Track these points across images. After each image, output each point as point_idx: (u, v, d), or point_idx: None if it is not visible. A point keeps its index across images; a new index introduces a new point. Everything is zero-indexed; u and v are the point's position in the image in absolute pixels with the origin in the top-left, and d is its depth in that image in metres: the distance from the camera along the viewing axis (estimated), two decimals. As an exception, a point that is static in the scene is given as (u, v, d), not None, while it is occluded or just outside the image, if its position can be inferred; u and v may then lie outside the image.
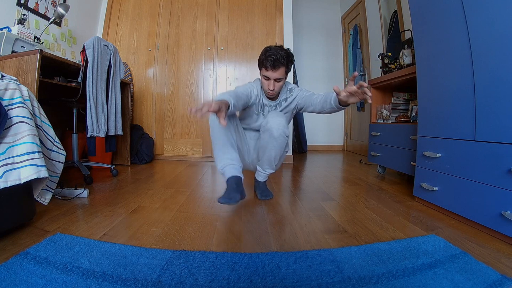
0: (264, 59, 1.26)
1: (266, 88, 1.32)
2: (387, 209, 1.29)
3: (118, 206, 1.26)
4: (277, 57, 1.23)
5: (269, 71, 1.26)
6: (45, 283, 0.64)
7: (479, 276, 0.70)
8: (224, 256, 0.79)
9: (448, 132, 1.19)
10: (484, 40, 0.99)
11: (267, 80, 1.30)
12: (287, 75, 1.34)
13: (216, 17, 2.81)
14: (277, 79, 1.28)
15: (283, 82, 1.33)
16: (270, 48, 1.28)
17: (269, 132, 1.25)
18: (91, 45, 1.60)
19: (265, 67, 1.27)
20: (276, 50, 1.25)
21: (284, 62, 1.25)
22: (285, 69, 1.28)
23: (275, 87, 1.30)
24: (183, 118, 2.81)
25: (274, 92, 1.33)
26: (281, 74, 1.27)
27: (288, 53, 1.29)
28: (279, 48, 1.27)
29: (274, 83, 1.29)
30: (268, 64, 1.24)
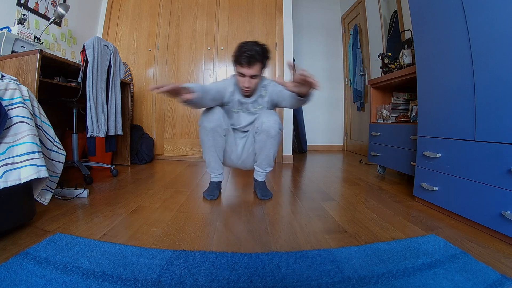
0: (239, 55, 1.22)
1: (241, 85, 1.29)
2: (387, 209, 1.29)
3: (118, 206, 1.26)
4: (252, 53, 1.19)
5: (244, 67, 1.22)
6: (45, 283, 0.64)
7: (479, 276, 0.70)
8: (224, 256, 0.79)
9: (448, 132, 1.19)
10: (484, 40, 0.99)
11: (242, 77, 1.26)
12: (263, 72, 1.30)
13: (216, 17, 2.81)
14: (252, 76, 1.25)
15: (259, 79, 1.30)
16: (245, 43, 1.24)
17: (265, 132, 1.26)
18: (91, 45, 1.60)
19: (239, 64, 1.23)
20: (251, 46, 1.21)
21: (260, 58, 1.22)
22: (261, 66, 1.25)
23: (250, 84, 1.27)
24: (183, 118, 2.81)
25: (250, 90, 1.30)
26: (256, 71, 1.24)
27: (264, 48, 1.25)
28: (254, 44, 1.23)
29: (249, 80, 1.25)
30: (243, 60, 1.20)
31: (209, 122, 1.27)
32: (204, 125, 1.29)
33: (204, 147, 1.36)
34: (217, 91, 1.29)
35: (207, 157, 1.39)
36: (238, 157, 1.45)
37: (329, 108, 4.11)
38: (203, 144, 1.35)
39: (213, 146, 1.33)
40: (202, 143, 1.36)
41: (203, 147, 1.37)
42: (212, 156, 1.37)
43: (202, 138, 1.34)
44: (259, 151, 1.35)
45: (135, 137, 2.53)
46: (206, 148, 1.35)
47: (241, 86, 1.30)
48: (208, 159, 1.40)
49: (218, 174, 1.45)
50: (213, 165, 1.41)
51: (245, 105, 1.40)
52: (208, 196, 1.41)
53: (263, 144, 1.31)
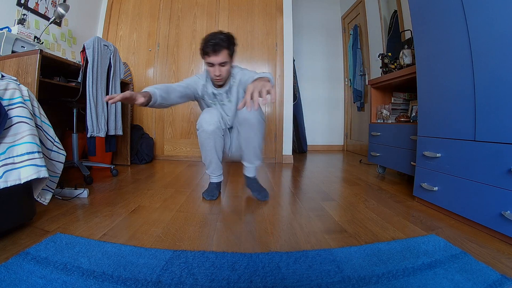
0: (204, 46, 1.25)
1: (212, 75, 1.30)
2: (387, 209, 1.29)
3: (118, 206, 1.26)
4: (216, 41, 1.22)
5: (211, 56, 1.24)
6: (45, 283, 0.64)
7: (479, 276, 0.70)
8: (224, 256, 0.79)
9: (448, 132, 1.19)
10: (484, 40, 0.99)
11: (212, 67, 1.28)
12: (232, 59, 1.31)
13: (216, 17, 2.81)
14: (221, 64, 1.26)
15: (229, 66, 1.31)
16: (208, 34, 1.27)
17: (247, 122, 1.26)
18: (91, 45, 1.60)
19: (206, 54, 1.25)
20: (214, 35, 1.25)
21: (225, 44, 1.24)
22: (227, 52, 1.26)
23: (221, 72, 1.28)
24: (183, 118, 2.81)
25: (221, 78, 1.31)
26: (224, 58, 1.25)
27: (228, 35, 1.27)
28: (218, 32, 1.27)
29: (219, 68, 1.27)
30: (209, 49, 1.23)
31: (209, 124, 1.27)
32: (204, 128, 1.28)
33: (205, 150, 1.35)
34: (186, 86, 1.33)
35: (208, 159, 1.38)
36: (228, 150, 1.48)
37: (329, 108, 4.11)
38: (204, 147, 1.34)
39: (214, 148, 1.33)
40: (202, 146, 1.34)
41: (204, 150, 1.35)
42: (213, 158, 1.37)
43: (202, 142, 1.33)
44: (244, 143, 1.34)
45: (135, 137, 2.53)
46: (207, 151, 1.34)
47: (212, 75, 1.31)
48: (208, 161, 1.39)
49: (218, 175, 1.45)
50: (214, 167, 1.41)
51: (219, 97, 1.40)
52: (208, 196, 1.41)
53: (247, 135, 1.30)
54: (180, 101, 1.33)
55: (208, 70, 1.32)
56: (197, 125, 1.31)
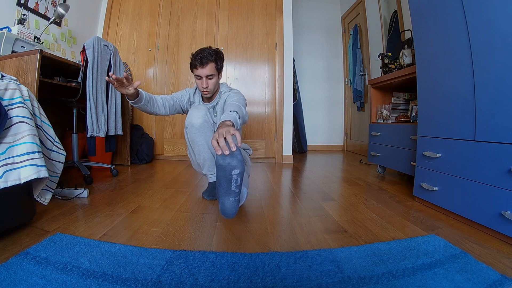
0: (193, 59, 1.32)
1: (200, 87, 1.36)
2: (387, 209, 1.29)
3: (118, 206, 1.26)
4: (203, 55, 1.29)
5: (199, 68, 1.30)
6: (45, 283, 0.64)
7: (479, 276, 0.70)
8: (224, 256, 0.79)
9: (448, 132, 1.19)
10: (484, 40, 0.99)
11: (200, 80, 1.34)
12: (219, 73, 1.37)
13: (216, 17, 2.81)
14: (208, 76, 1.32)
15: (216, 79, 1.36)
16: (198, 49, 1.34)
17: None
18: (91, 45, 1.60)
19: (194, 67, 1.32)
20: (202, 49, 1.32)
21: (212, 58, 1.30)
22: (214, 65, 1.32)
23: (208, 84, 1.33)
24: (183, 118, 2.80)
25: (209, 90, 1.35)
26: (211, 70, 1.31)
27: (216, 50, 1.34)
28: (206, 48, 1.34)
29: (206, 80, 1.32)
30: (196, 62, 1.30)
31: (197, 118, 1.25)
32: (193, 123, 1.25)
33: (197, 147, 1.31)
34: (171, 98, 1.42)
35: (201, 157, 1.34)
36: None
37: (329, 108, 4.12)
38: (195, 143, 1.30)
39: (206, 142, 1.29)
40: (194, 144, 1.31)
41: (195, 147, 1.32)
42: (207, 154, 1.32)
43: (192, 138, 1.29)
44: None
45: (135, 137, 2.53)
46: (199, 146, 1.30)
47: (200, 88, 1.36)
48: (202, 159, 1.34)
49: (215, 173, 1.43)
50: (209, 163, 1.36)
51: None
52: (208, 196, 1.41)
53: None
54: (165, 111, 1.40)
55: (197, 83, 1.38)
56: (186, 123, 1.29)
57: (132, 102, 1.25)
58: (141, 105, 1.28)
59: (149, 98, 1.30)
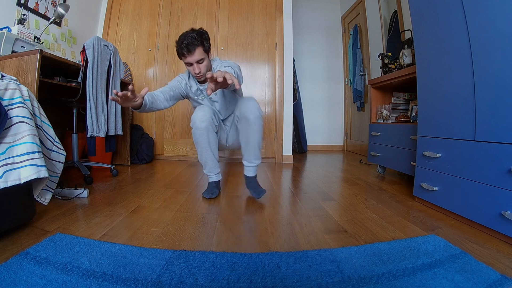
0: (179, 48, 1.28)
1: (192, 73, 1.34)
2: (387, 209, 1.29)
3: (118, 206, 1.26)
4: (188, 41, 1.25)
5: (187, 56, 1.27)
6: (45, 283, 0.64)
7: (479, 276, 0.70)
8: (224, 256, 0.79)
9: (448, 132, 1.19)
10: (484, 40, 0.99)
11: (191, 66, 1.31)
12: (208, 54, 1.35)
13: (216, 17, 2.81)
14: (198, 61, 1.29)
15: (207, 61, 1.34)
16: (181, 35, 1.29)
17: (245, 119, 1.28)
18: (91, 45, 1.60)
19: (182, 55, 1.29)
20: (186, 35, 1.27)
21: (198, 42, 1.26)
22: (202, 48, 1.29)
23: (200, 69, 1.31)
24: (183, 118, 2.81)
25: (201, 74, 1.34)
26: (200, 55, 1.28)
27: (200, 32, 1.30)
28: (190, 31, 1.29)
29: (197, 66, 1.30)
30: (184, 50, 1.26)
31: (202, 121, 1.28)
32: (197, 125, 1.29)
33: (200, 148, 1.37)
34: (170, 89, 1.39)
35: (203, 157, 1.39)
36: (226, 141, 1.52)
37: (329, 108, 4.12)
38: (198, 145, 1.36)
39: (208, 144, 1.34)
40: (197, 144, 1.36)
41: (199, 148, 1.37)
42: (209, 156, 1.38)
43: (196, 139, 1.34)
44: (244, 141, 1.36)
45: (135, 137, 2.53)
46: (202, 148, 1.36)
47: (193, 74, 1.34)
48: (204, 159, 1.40)
49: (215, 173, 1.46)
50: (210, 165, 1.41)
51: (205, 92, 1.42)
52: (207, 194, 1.42)
53: (245, 132, 1.32)
54: (168, 104, 1.39)
55: (189, 70, 1.36)
56: (191, 123, 1.33)
57: (138, 111, 1.21)
58: (146, 110, 1.24)
59: (152, 99, 1.26)
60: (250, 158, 1.40)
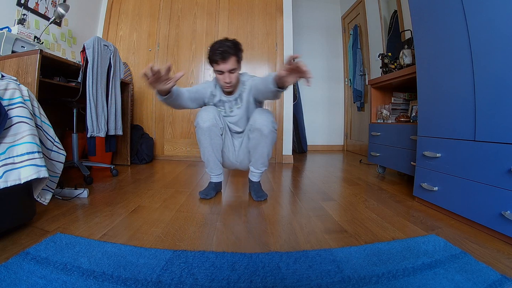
0: (212, 54, 1.25)
1: (222, 82, 1.30)
2: (387, 209, 1.29)
3: (118, 206, 1.26)
4: (224, 49, 1.22)
5: (220, 64, 1.25)
6: (45, 283, 0.64)
7: (479, 276, 0.70)
8: (224, 256, 0.79)
9: (448, 132, 1.19)
10: (484, 40, 0.99)
11: (221, 74, 1.28)
12: (240, 65, 1.32)
13: (216, 17, 2.81)
14: (231, 70, 1.27)
15: (238, 72, 1.32)
16: (215, 42, 1.27)
17: (258, 131, 1.26)
18: (91, 45, 1.60)
19: (215, 62, 1.26)
20: (221, 43, 1.25)
21: (233, 51, 1.24)
22: (236, 59, 1.27)
23: (231, 79, 1.28)
24: (183, 118, 2.81)
25: (231, 84, 1.31)
26: (233, 65, 1.26)
27: (235, 42, 1.28)
28: (225, 40, 1.27)
29: (229, 75, 1.27)
30: (217, 57, 1.23)
31: (205, 121, 1.28)
32: (200, 125, 1.29)
33: (202, 147, 1.36)
34: (196, 91, 1.35)
35: (205, 157, 1.39)
36: (236, 158, 1.47)
37: (329, 108, 4.11)
38: (201, 144, 1.36)
39: (210, 145, 1.34)
40: (200, 143, 1.36)
41: (201, 147, 1.37)
42: (210, 156, 1.37)
43: (199, 138, 1.34)
44: (253, 150, 1.35)
45: (135, 137, 2.53)
46: (204, 148, 1.36)
47: (222, 83, 1.31)
48: (206, 159, 1.40)
49: (217, 174, 1.45)
50: (212, 165, 1.41)
51: (227, 104, 1.40)
52: (202, 194, 1.41)
53: (257, 143, 1.30)
54: (191, 105, 1.36)
55: (218, 78, 1.32)
56: (195, 123, 1.33)
57: (163, 98, 1.14)
58: (170, 100, 1.17)
59: (177, 91, 1.19)
60: (257, 165, 1.40)
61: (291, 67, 0.92)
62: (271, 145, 1.33)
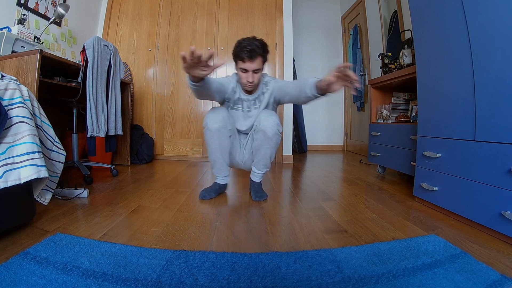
0: (240, 51, 1.22)
1: (244, 81, 1.28)
2: (387, 209, 1.29)
3: (118, 206, 1.26)
4: (252, 47, 1.20)
5: (246, 62, 1.23)
6: (45, 283, 0.64)
7: (479, 276, 0.70)
8: (224, 256, 0.79)
9: (448, 132, 1.19)
10: (484, 40, 0.99)
11: (245, 73, 1.26)
12: (264, 66, 1.31)
13: (216, 17, 2.81)
14: (255, 70, 1.25)
15: (261, 73, 1.31)
16: (243, 39, 1.25)
17: (262, 132, 1.26)
18: (91, 45, 1.60)
19: (241, 59, 1.23)
20: (250, 41, 1.23)
21: (260, 51, 1.23)
22: (262, 59, 1.26)
23: (254, 79, 1.26)
24: (183, 118, 2.81)
25: (253, 84, 1.29)
26: (258, 65, 1.24)
27: (263, 43, 1.26)
28: (253, 39, 1.25)
29: (252, 74, 1.25)
30: (244, 55, 1.21)
31: (214, 123, 1.26)
32: (209, 126, 1.27)
33: (210, 149, 1.34)
34: (220, 83, 1.29)
35: (212, 158, 1.38)
36: (241, 158, 1.46)
37: (329, 108, 4.12)
38: (208, 145, 1.33)
39: (218, 147, 1.31)
40: (207, 145, 1.34)
41: (208, 148, 1.35)
42: (217, 158, 1.36)
43: (206, 140, 1.32)
44: (255, 150, 1.34)
45: (135, 137, 2.53)
46: (211, 149, 1.34)
47: (245, 81, 1.28)
48: (213, 160, 1.38)
49: (223, 176, 1.44)
50: (218, 167, 1.40)
51: (246, 102, 1.39)
52: (201, 195, 1.40)
53: (260, 144, 1.30)
54: (214, 96, 1.27)
55: (240, 76, 1.30)
56: (203, 123, 1.31)
57: (195, 85, 1.06)
58: (200, 88, 1.09)
59: (208, 80, 1.11)
60: (259, 166, 1.39)
61: (340, 74, 0.92)
62: (274, 148, 1.32)
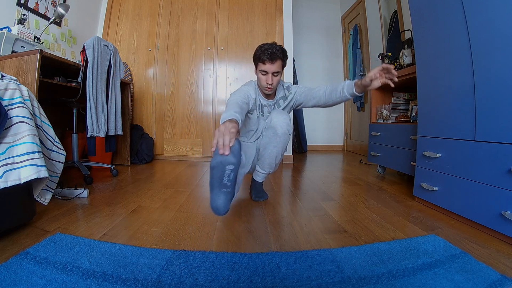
0: (261, 53, 1.26)
1: (264, 83, 1.30)
2: (387, 209, 1.29)
3: (118, 206, 1.26)
4: (273, 50, 1.24)
5: (267, 64, 1.25)
6: (45, 283, 0.64)
7: (479, 276, 0.70)
8: (224, 256, 0.79)
9: (448, 132, 1.19)
10: (484, 40, 0.99)
11: (265, 75, 1.28)
12: (283, 70, 1.33)
13: (216, 17, 2.81)
14: (274, 73, 1.27)
15: (280, 77, 1.32)
16: (264, 44, 1.29)
17: (273, 129, 1.26)
18: (91, 45, 1.60)
19: (262, 61, 1.26)
20: (271, 45, 1.27)
21: (280, 55, 1.26)
22: (281, 63, 1.28)
23: (273, 81, 1.28)
24: (183, 118, 2.81)
25: (273, 87, 1.31)
26: (278, 67, 1.27)
27: (283, 48, 1.30)
28: (274, 43, 1.29)
29: (272, 77, 1.28)
30: (265, 57, 1.24)
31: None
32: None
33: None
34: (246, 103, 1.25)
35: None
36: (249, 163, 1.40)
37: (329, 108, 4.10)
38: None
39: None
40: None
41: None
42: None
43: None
44: (263, 148, 1.33)
45: (135, 137, 2.53)
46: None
47: (264, 84, 1.30)
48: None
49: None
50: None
51: (266, 108, 1.40)
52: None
53: (268, 141, 1.29)
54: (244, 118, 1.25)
55: (260, 79, 1.32)
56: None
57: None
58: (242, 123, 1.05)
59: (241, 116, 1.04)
60: (264, 165, 1.35)
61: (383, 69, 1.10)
62: (281, 148, 1.30)
